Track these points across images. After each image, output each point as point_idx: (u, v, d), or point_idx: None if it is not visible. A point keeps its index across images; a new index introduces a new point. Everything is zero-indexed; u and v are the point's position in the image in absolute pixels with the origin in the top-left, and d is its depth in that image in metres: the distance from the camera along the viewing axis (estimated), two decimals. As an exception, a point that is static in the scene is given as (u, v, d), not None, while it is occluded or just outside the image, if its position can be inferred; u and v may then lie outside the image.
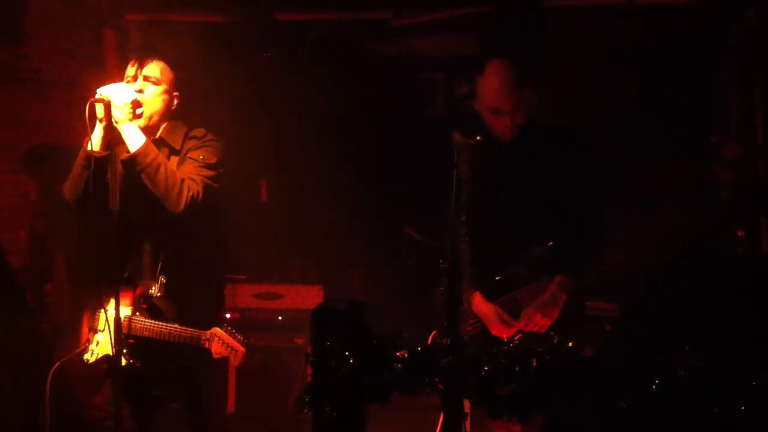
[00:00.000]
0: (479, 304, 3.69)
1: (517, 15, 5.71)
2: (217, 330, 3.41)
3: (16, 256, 5.50)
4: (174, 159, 3.52)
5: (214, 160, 3.52)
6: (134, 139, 3.29)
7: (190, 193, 3.34)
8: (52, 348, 5.04)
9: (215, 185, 3.49)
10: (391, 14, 6.15)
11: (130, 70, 3.50)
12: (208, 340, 3.40)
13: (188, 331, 3.42)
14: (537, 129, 3.70)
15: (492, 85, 3.61)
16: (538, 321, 3.59)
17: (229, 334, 3.42)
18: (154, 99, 3.47)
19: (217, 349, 3.41)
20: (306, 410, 2.52)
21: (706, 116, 5.58)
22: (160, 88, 3.49)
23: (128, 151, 3.31)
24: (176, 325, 3.43)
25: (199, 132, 3.59)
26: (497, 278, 3.70)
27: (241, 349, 3.44)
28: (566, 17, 5.92)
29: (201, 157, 3.49)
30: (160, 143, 3.51)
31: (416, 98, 7.25)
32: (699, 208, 5.39)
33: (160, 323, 3.44)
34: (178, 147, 3.53)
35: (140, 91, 3.43)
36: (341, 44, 6.95)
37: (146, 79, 3.46)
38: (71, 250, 5.64)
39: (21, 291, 5.23)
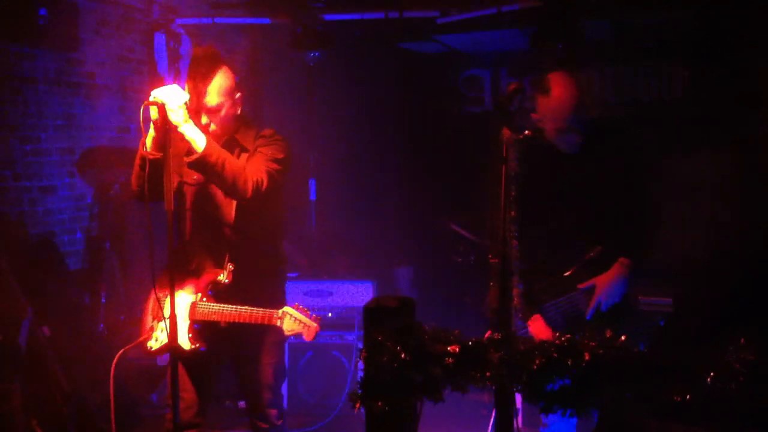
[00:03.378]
0: (539, 327, 3.66)
1: (564, 10, 5.66)
2: (288, 308, 3.48)
3: (73, 258, 5.62)
4: (244, 155, 3.60)
5: (281, 156, 3.59)
6: (198, 140, 3.34)
7: (254, 178, 3.41)
8: (109, 347, 5.14)
9: (279, 178, 3.56)
10: (437, 12, 6.14)
11: (191, 99, 3.45)
12: (279, 318, 3.47)
13: (260, 311, 3.48)
14: (587, 126, 3.68)
15: (561, 104, 3.58)
16: (601, 299, 3.58)
17: (301, 312, 3.48)
18: (222, 121, 3.56)
19: (288, 326, 3.46)
20: (358, 405, 2.54)
21: (755, 104, 5.49)
22: (224, 110, 3.55)
23: (188, 152, 3.38)
24: (246, 307, 3.49)
25: (268, 132, 3.66)
26: (558, 277, 3.67)
27: (314, 324, 3.48)
28: (609, 9, 5.86)
29: (269, 152, 3.57)
30: (232, 142, 3.60)
31: (462, 95, 7.24)
32: (747, 197, 5.30)
33: (229, 306, 3.51)
34: (249, 147, 3.61)
35: (208, 125, 3.52)
36: (388, 43, 6.97)
37: (209, 111, 3.53)
38: (127, 250, 5.75)
39: (78, 292, 5.34)
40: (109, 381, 3.36)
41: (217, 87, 3.53)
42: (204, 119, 3.53)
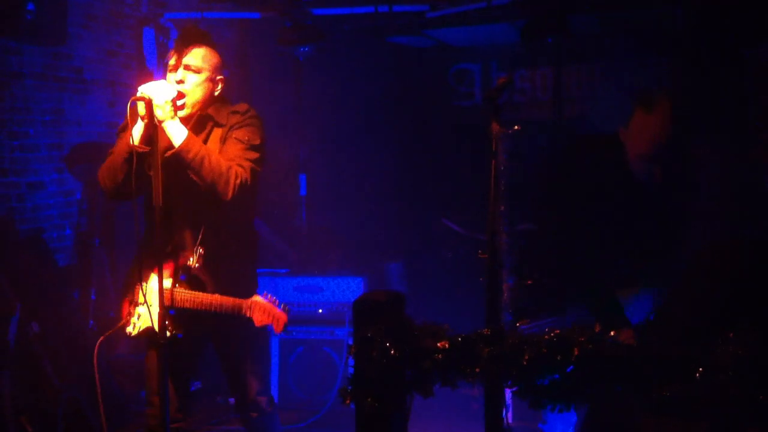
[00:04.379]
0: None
1: (554, 4, 5.66)
2: (257, 298, 3.43)
3: (62, 254, 5.60)
4: (217, 131, 3.51)
5: (258, 141, 3.49)
6: (177, 135, 3.29)
7: (238, 180, 3.33)
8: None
9: (260, 168, 3.48)
10: (427, 6, 6.13)
11: (172, 60, 3.49)
12: (249, 308, 3.42)
13: (229, 300, 3.42)
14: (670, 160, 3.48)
15: (658, 127, 3.33)
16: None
17: (270, 302, 3.44)
18: (195, 88, 3.45)
19: (258, 318, 3.42)
20: (348, 401, 2.53)
21: (748, 100, 5.50)
22: (202, 77, 3.46)
23: (171, 146, 3.31)
24: (217, 296, 3.43)
25: (242, 107, 3.56)
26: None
27: (283, 316, 3.44)
28: (600, 4, 5.87)
29: (246, 138, 3.47)
30: (206, 118, 3.51)
31: (452, 89, 7.24)
32: (741, 193, 5.31)
33: (201, 294, 3.44)
34: (222, 121, 3.52)
35: (181, 81, 3.43)
36: (377, 37, 6.97)
37: (187, 68, 3.44)
38: (116, 246, 5.73)
39: (67, 288, 5.32)
40: (95, 371, 3.33)
41: (202, 53, 3.48)
42: (182, 75, 3.44)
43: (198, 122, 3.49)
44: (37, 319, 4.72)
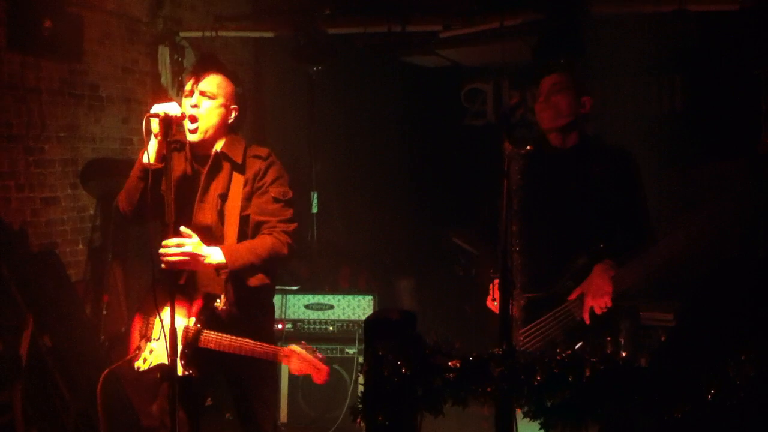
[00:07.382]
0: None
1: (566, 22, 5.68)
2: (294, 347, 3.40)
3: (75, 269, 5.62)
4: (237, 177, 3.51)
5: (291, 194, 3.55)
6: (217, 256, 3.34)
7: (285, 250, 3.43)
8: (109, 359, 5.14)
9: (295, 217, 3.55)
10: (440, 26, 6.16)
11: (188, 85, 3.52)
12: (287, 356, 3.40)
13: (263, 346, 3.38)
14: (591, 143, 3.72)
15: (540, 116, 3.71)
16: (589, 302, 3.53)
17: (309, 352, 3.40)
18: (209, 113, 3.47)
19: (297, 367, 3.39)
20: (359, 419, 2.53)
21: (757, 118, 5.50)
22: (216, 102, 3.48)
23: (184, 163, 3.40)
24: (248, 340, 3.38)
25: (262, 152, 3.57)
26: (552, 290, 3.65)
27: (325, 367, 3.41)
28: (615, 23, 5.89)
29: (281, 194, 3.50)
30: (221, 157, 3.51)
31: (464, 108, 7.26)
32: (751, 210, 5.30)
33: (228, 336, 3.40)
34: (239, 161, 3.51)
35: (195, 106, 3.45)
36: (390, 57, 7.00)
37: (202, 93, 3.47)
38: (128, 262, 5.75)
39: (79, 303, 5.34)
40: (108, 396, 3.32)
41: (218, 80, 3.52)
42: (196, 100, 3.48)
43: (214, 163, 3.50)
44: (49, 332, 4.74)
